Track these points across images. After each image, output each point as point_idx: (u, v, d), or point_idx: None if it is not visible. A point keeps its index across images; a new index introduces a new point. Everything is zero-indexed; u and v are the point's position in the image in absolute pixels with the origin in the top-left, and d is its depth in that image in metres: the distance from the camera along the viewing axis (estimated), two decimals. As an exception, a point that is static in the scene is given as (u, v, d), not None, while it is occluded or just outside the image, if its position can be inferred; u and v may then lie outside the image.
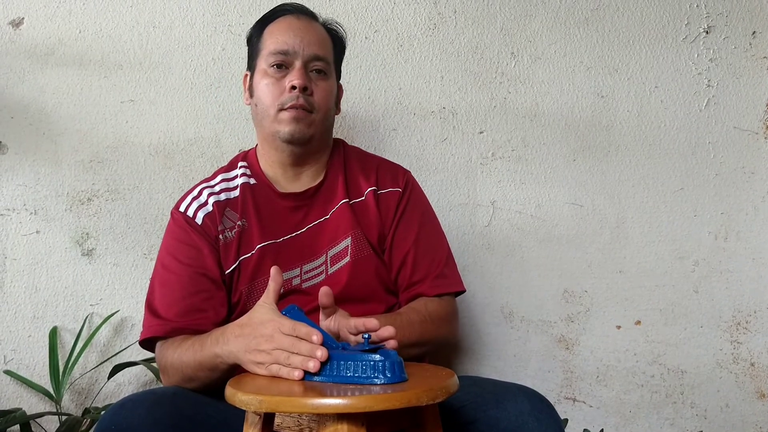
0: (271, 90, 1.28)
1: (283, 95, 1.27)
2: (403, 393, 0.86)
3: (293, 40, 1.28)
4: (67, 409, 1.60)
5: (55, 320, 1.62)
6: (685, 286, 1.76)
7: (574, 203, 1.76)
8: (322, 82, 1.30)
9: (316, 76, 1.30)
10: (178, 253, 1.28)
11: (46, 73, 1.65)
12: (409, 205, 1.36)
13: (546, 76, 1.77)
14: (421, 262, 1.32)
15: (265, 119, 1.30)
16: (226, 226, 1.29)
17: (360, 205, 1.34)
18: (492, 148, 1.76)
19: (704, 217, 1.77)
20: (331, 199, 1.34)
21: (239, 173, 1.35)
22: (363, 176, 1.37)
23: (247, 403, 0.89)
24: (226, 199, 1.32)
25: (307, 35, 1.30)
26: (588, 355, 1.75)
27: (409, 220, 1.35)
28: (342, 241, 1.30)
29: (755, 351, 1.76)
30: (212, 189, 1.33)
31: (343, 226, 1.31)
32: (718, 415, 1.75)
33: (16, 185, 1.63)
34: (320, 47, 1.31)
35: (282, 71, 1.28)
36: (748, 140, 1.79)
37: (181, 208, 1.32)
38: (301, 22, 1.32)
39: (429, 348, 1.27)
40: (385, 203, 1.35)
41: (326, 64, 1.32)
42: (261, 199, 1.32)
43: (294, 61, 1.28)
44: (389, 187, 1.36)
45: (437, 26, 1.75)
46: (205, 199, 1.31)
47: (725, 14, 1.79)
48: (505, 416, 1.04)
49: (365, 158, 1.42)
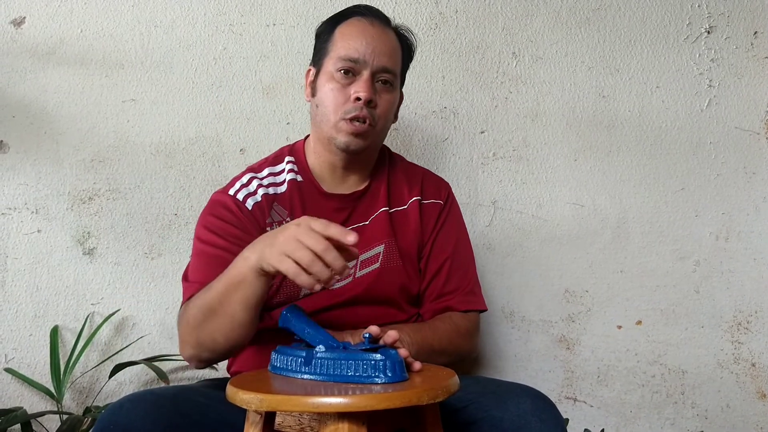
0: (335, 96, 1.26)
1: (346, 104, 1.25)
2: (404, 392, 0.86)
3: (365, 48, 1.25)
4: (68, 408, 1.60)
5: (56, 319, 1.63)
6: (686, 286, 1.76)
7: (575, 203, 1.76)
8: (387, 95, 1.29)
9: (381, 87, 1.28)
10: (222, 232, 1.25)
11: (47, 72, 1.66)
12: (449, 218, 1.38)
13: (547, 75, 1.77)
14: (454, 275, 1.34)
15: (324, 123, 1.28)
16: (274, 219, 1.29)
17: (400, 214, 1.35)
18: (493, 148, 1.76)
19: (705, 218, 1.77)
20: (373, 206, 1.34)
21: (286, 168, 1.34)
22: (407, 186, 1.37)
23: (248, 402, 0.89)
24: (275, 194, 1.31)
25: (380, 45, 1.27)
26: (589, 355, 1.74)
27: (448, 232, 1.37)
28: (375, 248, 1.31)
29: (756, 351, 1.76)
30: (261, 181, 1.32)
31: (378, 234, 1.32)
32: (718, 416, 1.75)
33: (18, 184, 1.63)
34: (390, 59, 1.28)
35: (349, 78, 1.26)
36: (750, 140, 1.79)
37: (231, 191, 1.30)
38: (375, 29, 1.28)
39: (453, 358, 1.29)
40: (427, 213, 1.36)
41: (393, 76, 1.30)
42: (307, 197, 1.32)
43: (362, 70, 1.25)
44: (432, 198, 1.38)
45: (439, 26, 1.75)
46: (254, 189, 1.30)
47: (727, 14, 1.79)
48: (507, 416, 1.04)
49: (409, 168, 1.43)
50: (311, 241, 0.95)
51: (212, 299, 1.09)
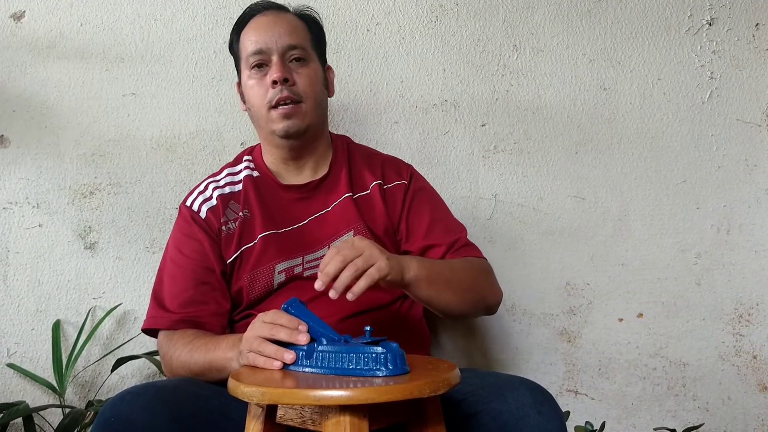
0: (257, 91, 1.31)
1: (268, 93, 1.29)
2: (405, 385, 0.87)
3: (264, 37, 1.30)
4: (70, 401, 1.61)
5: (57, 313, 1.63)
6: (687, 278, 1.76)
7: (577, 196, 1.76)
8: (303, 69, 1.32)
9: (296, 65, 1.31)
10: (183, 246, 1.32)
11: (47, 66, 1.65)
12: (417, 194, 1.39)
13: (548, 68, 1.76)
14: (442, 241, 1.33)
15: (260, 120, 1.33)
16: (229, 218, 1.33)
17: (364, 199, 1.36)
18: (494, 141, 1.75)
19: (706, 210, 1.77)
20: (334, 193, 1.36)
21: (243, 167, 1.39)
22: (368, 171, 1.39)
23: (249, 395, 0.89)
24: (230, 192, 1.36)
25: (277, 28, 1.31)
26: (590, 348, 1.75)
27: (420, 204, 1.37)
28: (344, 234, 1.32)
29: (757, 343, 1.76)
30: (217, 183, 1.37)
31: (345, 220, 1.33)
32: (720, 408, 1.75)
33: (19, 179, 1.63)
34: (292, 36, 1.32)
35: (263, 70, 1.31)
36: (751, 133, 1.78)
37: (188, 202, 1.36)
38: (269, 17, 1.34)
39: (476, 297, 1.29)
40: (391, 197, 1.37)
41: (303, 51, 1.33)
42: (264, 191, 1.35)
43: (271, 56, 1.30)
44: (395, 181, 1.39)
45: (439, 18, 1.75)
46: (210, 194, 1.35)
47: (728, 6, 1.78)
48: (506, 408, 1.04)
49: (371, 154, 1.45)
50: (263, 331, 1.03)
51: (195, 367, 1.19)
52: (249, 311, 1.30)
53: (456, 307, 1.25)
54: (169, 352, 1.24)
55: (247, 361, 1.04)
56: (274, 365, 0.99)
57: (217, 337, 1.21)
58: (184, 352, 1.20)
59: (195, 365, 1.18)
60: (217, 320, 1.28)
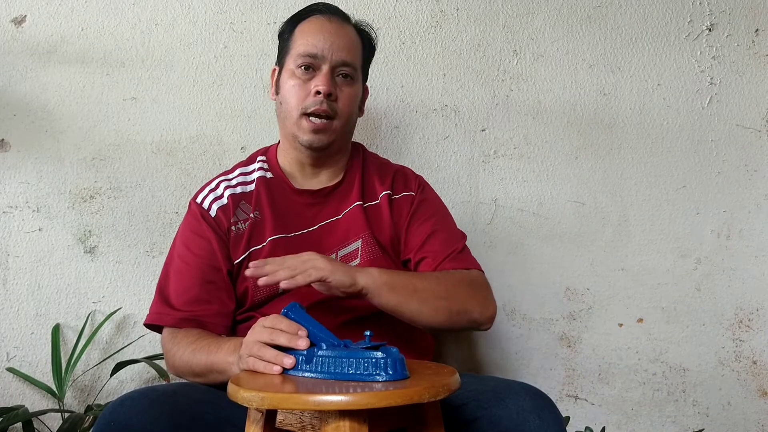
0: (296, 92, 1.29)
1: (307, 99, 1.28)
2: (405, 390, 0.86)
3: (323, 43, 1.29)
4: (69, 406, 1.61)
5: (57, 317, 1.63)
6: (687, 284, 1.76)
7: (577, 201, 1.76)
8: (348, 88, 1.31)
9: (341, 81, 1.31)
10: (191, 243, 1.32)
11: (48, 70, 1.66)
12: (421, 205, 1.38)
13: (548, 73, 1.77)
14: (437, 253, 1.32)
15: (287, 119, 1.32)
16: (239, 218, 1.32)
17: (374, 208, 1.36)
18: (494, 146, 1.75)
19: (707, 215, 1.77)
20: (346, 200, 1.35)
21: (257, 167, 1.38)
22: (379, 181, 1.38)
23: (249, 400, 0.89)
24: (242, 192, 1.35)
25: (337, 39, 1.30)
26: (590, 353, 1.74)
27: (422, 216, 1.36)
28: (353, 243, 1.32)
29: (757, 349, 1.76)
30: (229, 182, 1.36)
31: (354, 228, 1.33)
32: (720, 413, 1.75)
33: (19, 183, 1.64)
34: (349, 52, 1.31)
35: (309, 73, 1.29)
36: (751, 138, 1.78)
37: (198, 199, 1.35)
38: (333, 24, 1.32)
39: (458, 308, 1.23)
40: (398, 208, 1.36)
41: (353, 70, 1.32)
42: (276, 193, 1.35)
43: (322, 64, 1.29)
44: (402, 192, 1.38)
45: (440, 23, 1.75)
46: (221, 192, 1.34)
47: (728, 12, 1.79)
48: (506, 414, 1.04)
49: (382, 164, 1.44)
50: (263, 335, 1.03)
51: (197, 368, 1.19)
52: (252, 312, 1.30)
53: (428, 316, 1.20)
54: (172, 350, 1.24)
55: (246, 366, 1.04)
56: (274, 370, 0.99)
57: (220, 339, 1.21)
58: (187, 352, 1.20)
59: (197, 366, 1.19)
60: (221, 320, 1.28)
